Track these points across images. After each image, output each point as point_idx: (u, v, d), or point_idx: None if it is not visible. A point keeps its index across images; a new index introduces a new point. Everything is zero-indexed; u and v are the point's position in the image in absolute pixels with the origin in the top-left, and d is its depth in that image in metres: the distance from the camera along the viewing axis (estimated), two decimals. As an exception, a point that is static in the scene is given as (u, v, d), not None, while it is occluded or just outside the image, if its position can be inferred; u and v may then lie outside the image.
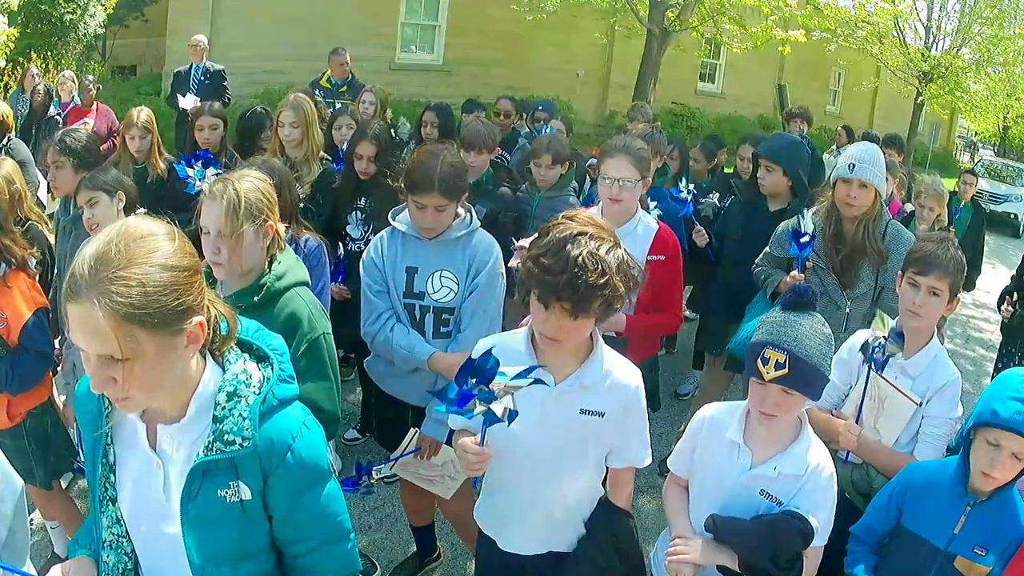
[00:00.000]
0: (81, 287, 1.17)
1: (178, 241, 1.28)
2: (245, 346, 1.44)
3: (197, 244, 1.74)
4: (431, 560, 3.23)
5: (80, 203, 2.96)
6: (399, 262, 2.66)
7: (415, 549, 3.24)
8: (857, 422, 2.36)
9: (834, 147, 9.11)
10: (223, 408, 1.34)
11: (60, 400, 3.23)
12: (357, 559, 1.55)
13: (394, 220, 2.71)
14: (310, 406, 1.51)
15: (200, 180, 3.31)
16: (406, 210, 2.69)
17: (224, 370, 1.39)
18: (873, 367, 2.36)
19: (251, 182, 2.18)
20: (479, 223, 2.73)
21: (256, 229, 2.14)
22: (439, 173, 2.54)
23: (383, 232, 2.75)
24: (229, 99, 7.68)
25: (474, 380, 1.69)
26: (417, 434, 2.69)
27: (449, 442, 2.53)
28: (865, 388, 2.36)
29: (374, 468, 2.74)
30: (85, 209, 2.93)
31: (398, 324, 2.66)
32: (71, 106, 7.52)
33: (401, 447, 2.73)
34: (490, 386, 1.68)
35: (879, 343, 2.34)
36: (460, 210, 2.70)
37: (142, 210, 2.88)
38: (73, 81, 7.50)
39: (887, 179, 4.31)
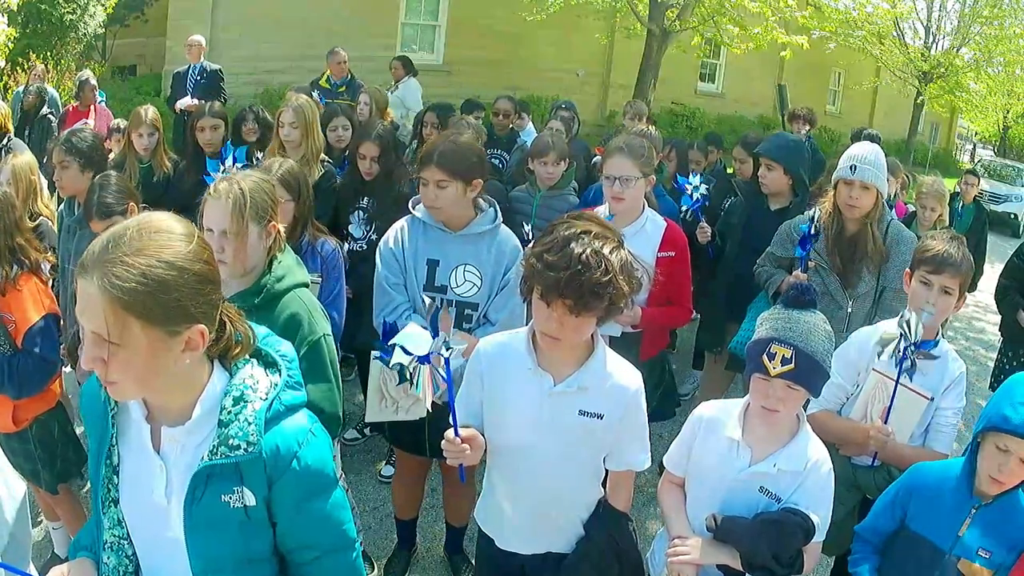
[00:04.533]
0: (89, 263, 1.20)
1: (195, 245, 1.27)
2: (253, 352, 1.43)
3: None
4: (413, 550, 3.29)
5: (97, 231, 2.95)
6: (420, 253, 2.64)
7: (397, 543, 3.28)
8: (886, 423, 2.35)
9: None
10: (229, 412, 1.32)
11: (74, 402, 3.24)
12: (362, 568, 1.54)
13: (414, 209, 2.68)
14: (312, 408, 1.50)
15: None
16: None
17: (232, 375, 1.37)
18: (904, 378, 2.31)
19: (255, 182, 2.18)
20: (502, 219, 2.71)
21: (260, 229, 2.15)
22: (440, 149, 2.56)
23: (403, 221, 2.72)
24: (226, 99, 7.67)
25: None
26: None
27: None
28: (893, 397, 2.33)
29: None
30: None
31: (415, 315, 2.62)
32: (68, 107, 7.51)
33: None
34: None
35: (910, 351, 2.29)
36: (483, 204, 2.69)
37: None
38: (80, 81, 7.46)
39: (889, 180, 4.31)
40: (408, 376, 2.15)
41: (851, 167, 2.99)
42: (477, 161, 2.63)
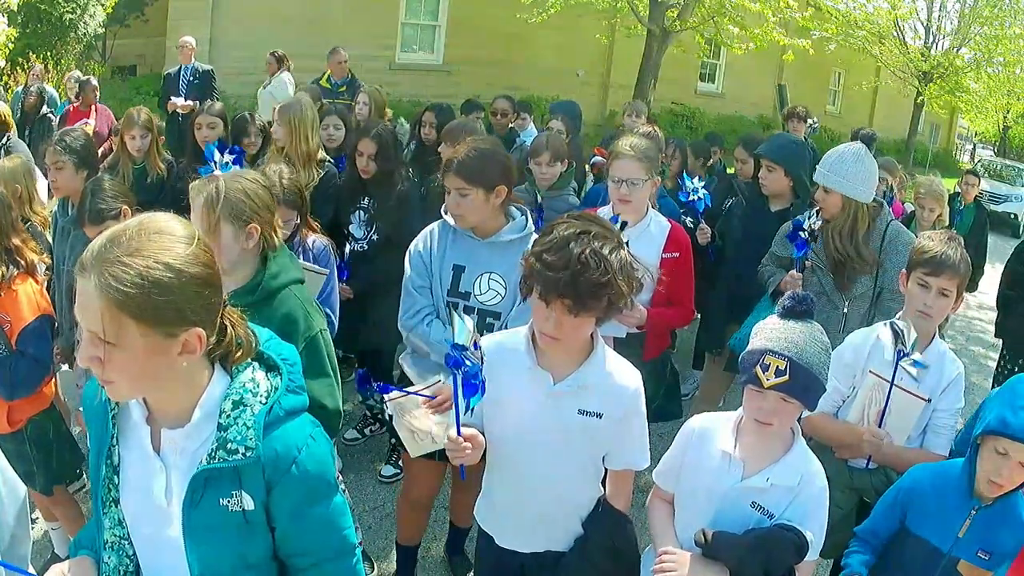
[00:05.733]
0: (87, 263, 1.20)
1: (195, 248, 1.26)
2: (255, 355, 1.41)
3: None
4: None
5: (91, 236, 2.95)
6: (447, 258, 2.62)
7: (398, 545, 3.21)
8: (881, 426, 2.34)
9: None
10: (228, 416, 1.31)
11: (69, 403, 3.23)
12: (362, 573, 1.53)
13: (446, 214, 2.66)
14: (313, 403, 1.49)
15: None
16: None
17: (233, 378, 1.36)
18: (900, 380, 2.31)
19: (239, 182, 2.15)
20: (534, 228, 2.66)
21: (235, 230, 2.10)
22: (461, 157, 2.53)
23: (433, 225, 2.70)
24: (217, 99, 7.65)
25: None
26: (443, 383, 2.51)
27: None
28: (887, 401, 2.33)
29: (390, 390, 2.47)
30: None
31: (436, 320, 2.61)
32: (66, 107, 7.49)
33: (423, 385, 2.54)
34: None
35: (906, 356, 2.29)
36: (515, 212, 2.67)
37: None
38: (81, 82, 7.46)
39: (886, 179, 4.30)
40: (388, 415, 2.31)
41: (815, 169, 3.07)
42: (500, 168, 2.58)
